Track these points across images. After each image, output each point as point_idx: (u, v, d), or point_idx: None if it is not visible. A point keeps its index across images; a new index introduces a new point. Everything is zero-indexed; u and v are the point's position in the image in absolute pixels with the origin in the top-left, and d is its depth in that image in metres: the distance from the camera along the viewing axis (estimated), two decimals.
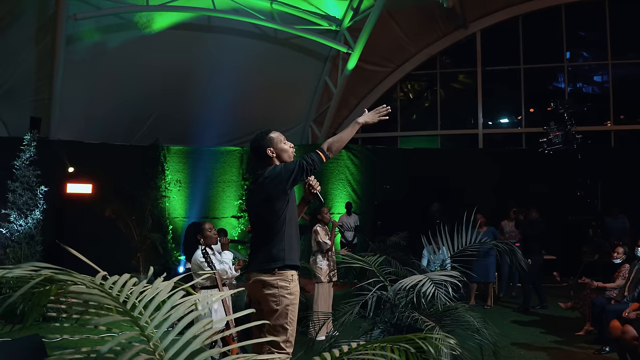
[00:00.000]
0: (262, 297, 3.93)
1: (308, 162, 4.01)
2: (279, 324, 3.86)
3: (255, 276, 3.97)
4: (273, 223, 3.99)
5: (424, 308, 4.76)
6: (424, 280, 4.55)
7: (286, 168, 4.04)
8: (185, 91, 14.24)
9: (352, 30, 14.75)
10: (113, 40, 13.70)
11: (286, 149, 4.35)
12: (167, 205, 14.38)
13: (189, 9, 13.56)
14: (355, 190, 15.00)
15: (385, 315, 4.90)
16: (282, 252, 3.93)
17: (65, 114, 13.79)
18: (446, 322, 4.70)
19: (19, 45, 12.92)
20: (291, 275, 3.96)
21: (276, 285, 3.87)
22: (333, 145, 4.19)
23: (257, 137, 4.36)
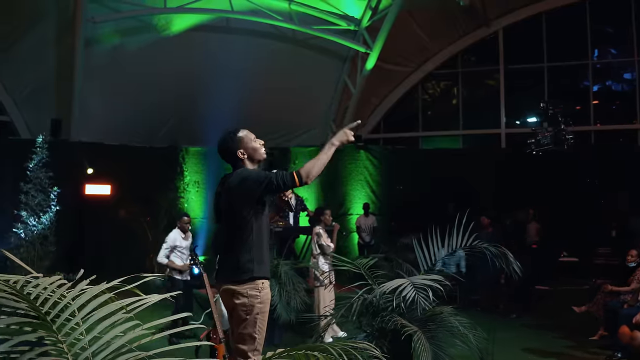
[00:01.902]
0: (232, 306, 3.82)
1: (279, 183, 3.77)
2: (247, 333, 3.74)
3: (225, 285, 3.86)
4: (241, 230, 3.87)
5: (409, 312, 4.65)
6: (405, 284, 4.44)
7: (256, 181, 3.85)
8: (204, 92, 14.27)
9: (371, 29, 14.62)
10: (132, 42, 13.84)
11: (257, 147, 4.18)
12: (186, 206, 14.44)
13: (206, 11, 13.64)
14: (374, 191, 14.87)
15: (369, 319, 4.82)
16: (250, 264, 3.78)
17: (86, 116, 13.98)
18: (431, 327, 4.59)
19: (40, 48, 13.18)
20: (262, 283, 3.81)
21: (246, 295, 3.74)
22: (313, 170, 3.84)
23: (225, 138, 4.17)
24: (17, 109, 13.93)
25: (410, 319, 4.61)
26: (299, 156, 15.14)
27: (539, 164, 13.13)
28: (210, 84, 14.24)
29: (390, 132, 17.14)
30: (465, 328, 4.58)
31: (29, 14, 12.64)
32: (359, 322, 4.90)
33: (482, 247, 5.03)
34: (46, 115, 13.63)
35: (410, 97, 17.08)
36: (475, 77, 17.06)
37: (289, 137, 16.32)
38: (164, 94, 14.18)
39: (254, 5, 13.77)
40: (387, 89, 16.86)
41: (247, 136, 4.19)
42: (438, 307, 4.73)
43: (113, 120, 14.22)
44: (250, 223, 3.85)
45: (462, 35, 16.10)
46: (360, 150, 14.97)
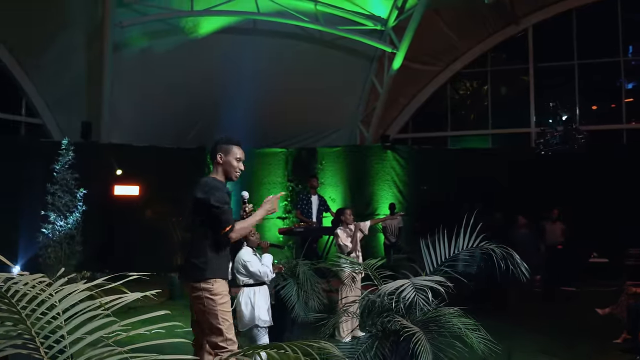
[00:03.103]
0: (192, 301, 4.12)
1: (221, 221, 4.06)
2: (212, 325, 4.01)
3: (187, 282, 4.19)
4: (200, 234, 4.15)
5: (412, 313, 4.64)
6: (405, 285, 4.43)
7: (213, 202, 4.07)
8: (232, 94, 14.36)
9: (398, 29, 14.59)
10: (160, 45, 14.05)
11: (234, 166, 4.33)
12: None
13: (233, 13, 13.76)
14: (400, 191, 14.80)
15: (373, 319, 4.82)
16: (205, 265, 4.06)
17: (116, 119, 14.23)
18: (433, 328, 4.56)
19: (70, 52, 13.46)
20: (215, 281, 4.06)
21: (200, 288, 4.02)
22: (240, 232, 4.18)
23: (223, 138, 4.40)
24: (50, 112, 14.23)
25: (413, 319, 4.59)
26: (325, 157, 15.13)
27: (568, 163, 12.94)
28: (237, 86, 14.33)
29: (418, 132, 17.09)
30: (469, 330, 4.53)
31: (59, 20, 12.90)
32: (363, 322, 4.91)
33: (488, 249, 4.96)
34: (77, 117, 13.91)
35: (439, 96, 17.01)
36: (505, 76, 16.87)
37: (317, 137, 16.36)
38: (192, 96, 14.35)
39: (280, 6, 13.84)
40: (416, 89, 16.80)
41: (235, 152, 4.34)
42: (441, 308, 4.70)
43: (142, 123, 14.42)
44: (207, 228, 4.11)
45: (491, 33, 15.96)
46: (387, 150, 14.90)
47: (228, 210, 4.08)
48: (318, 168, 15.03)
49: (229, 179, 4.34)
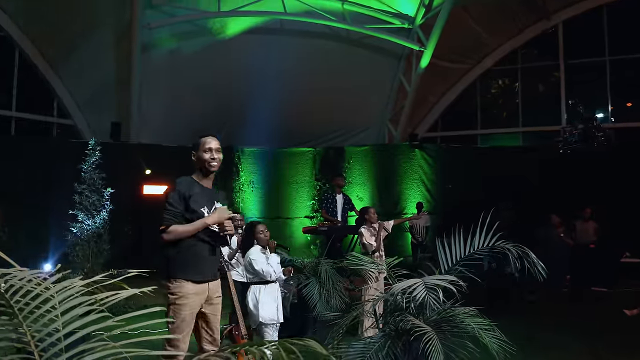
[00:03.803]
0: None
1: (162, 217, 4.06)
2: (168, 321, 4.02)
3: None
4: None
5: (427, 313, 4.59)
6: (417, 284, 4.39)
7: (165, 199, 4.16)
8: (260, 93, 14.40)
9: (426, 27, 14.50)
10: (188, 46, 14.18)
11: (205, 158, 4.26)
12: (241, 206, 14.65)
13: (259, 14, 13.82)
14: (428, 190, 14.68)
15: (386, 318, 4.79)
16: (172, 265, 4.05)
17: (146, 119, 14.39)
18: (445, 328, 4.51)
19: (100, 54, 13.68)
20: (175, 281, 4.03)
21: (163, 284, 4.03)
22: (175, 234, 4.02)
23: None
24: (80, 113, 14.46)
25: (426, 319, 4.55)
26: (353, 155, 15.09)
27: (600, 161, 12.69)
28: (264, 86, 14.36)
29: (448, 131, 16.95)
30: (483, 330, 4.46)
31: (88, 22, 13.14)
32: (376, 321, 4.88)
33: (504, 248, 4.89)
34: (107, 118, 14.11)
35: (469, 94, 16.83)
36: (535, 73, 16.60)
37: (345, 137, 16.33)
38: (219, 96, 14.44)
39: (307, 6, 13.87)
40: (445, 87, 16.67)
41: (203, 143, 4.28)
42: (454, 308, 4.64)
43: (171, 123, 14.56)
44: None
45: (521, 29, 15.75)
46: (415, 148, 14.80)
47: (171, 211, 4.02)
48: (346, 167, 15.01)
49: (206, 172, 4.29)
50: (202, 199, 4.17)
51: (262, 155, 15.29)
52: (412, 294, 4.28)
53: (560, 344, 7.53)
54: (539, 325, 8.43)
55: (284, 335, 7.85)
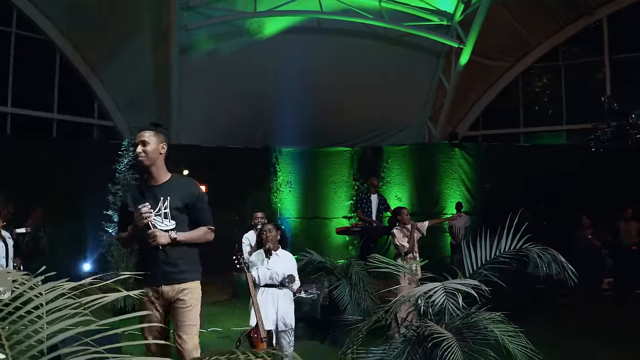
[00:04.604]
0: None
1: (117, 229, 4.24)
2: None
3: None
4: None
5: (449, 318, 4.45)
6: (436, 289, 4.25)
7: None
8: (298, 93, 14.39)
9: (465, 24, 14.26)
10: (226, 47, 14.24)
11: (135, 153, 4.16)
12: (279, 206, 14.65)
13: (296, 13, 13.78)
14: (469, 190, 14.41)
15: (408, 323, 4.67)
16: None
17: (185, 120, 14.50)
18: (466, 334, 4.36)
19: (139, 56, 13.85)
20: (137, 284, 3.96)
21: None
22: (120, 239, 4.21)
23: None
24: (121, 114, 14.66)
25: (449, 325, 4.41)
26: (391, 155, 14.92)
27: None
28: (302, 85, 14.34)
29: (489, 129, 16.63)
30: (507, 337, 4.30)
31: (128, 26, 13.35)
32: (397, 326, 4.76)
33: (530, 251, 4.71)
34: (147, 119, 14.24)
35: (510, 92, 16.50)
36: (579, 69, 16.12)
37: (384, 136, 16.19)
38: (257, 96, 14.45)
39: (344, 4, 13.77)
40: (486, 85, 16.37)
41: (136, 138, 4.16)
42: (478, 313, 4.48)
43: (210, 123, 14.65)
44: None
45: (562, 26, 15.33)
46: (455, 147, 14.54)
47: (118, 220, 4.11)
48: (384, 167, 14.85)
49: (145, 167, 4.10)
50: (142, 199, 4.01)
51: (299, 155, 15.27)
52: (431, 299, 4.17)
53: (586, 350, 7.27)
54: (569, 330, 8.18)
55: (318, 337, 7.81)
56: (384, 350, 4.52)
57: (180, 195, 4.04)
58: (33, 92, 13.81)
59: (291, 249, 13.53)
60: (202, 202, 4.17)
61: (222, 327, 8.73)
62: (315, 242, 14.20)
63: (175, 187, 4.08)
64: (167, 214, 4.00)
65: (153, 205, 3.95)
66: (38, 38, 13.47)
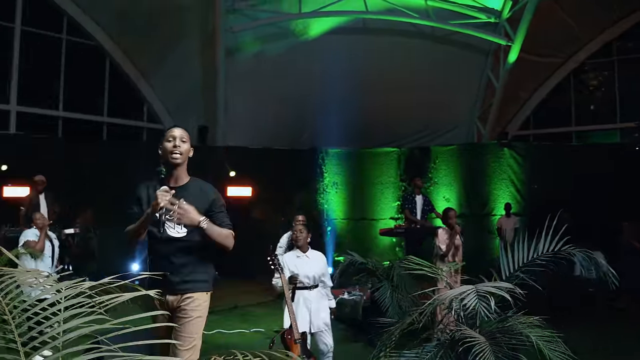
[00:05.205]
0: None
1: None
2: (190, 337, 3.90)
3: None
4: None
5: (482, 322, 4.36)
6: (469, 292, 4.17)
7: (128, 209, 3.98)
8: (344, 94, 14.32)
9: (513, 21, 13.99)
10: (272, 49, 14.32)
11: (165, 147, 3.87)
12: (325, 207, 14.64)
13: (341, 13, 13.77)
14: (518, 190, 14.10)
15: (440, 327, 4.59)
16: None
17: (233, 122, 14.64)
18: (499, 339, 4.26)
19: (186, 60, 14.02)
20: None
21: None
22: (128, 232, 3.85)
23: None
24: (170, 117, 14.88)
25: (484, 328, 4.32)
26: (439, 155, 14.72)
27: None
28: (348, 85, 14.27)
29: (540, 128, 16.27)
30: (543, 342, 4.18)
31: (175, 30, 13.53)
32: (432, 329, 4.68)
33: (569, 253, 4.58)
34: (195, 122, 14.46)
35: (562, 89, 16.08)
36: (634, 65, 15.59)
37: (432, 136, 16.01)
38: (304, 98, 14.47)
39: (389, 4, 13.69)
40: (536, 83, 16.03)
41: (167, 133, 3.92)
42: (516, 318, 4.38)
43: (257, 125, 14.73)
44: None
45: (616, 20, 14.86)
46: (504, 147, 14.26)
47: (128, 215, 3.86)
48: (431, 167, 14.66)
49: (170, 165, 3.88)
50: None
51: (346, 156, 15.20)
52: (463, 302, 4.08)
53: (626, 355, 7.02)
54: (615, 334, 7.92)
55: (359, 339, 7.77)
56: (416, 353, 4.45)
57: (199, 203, 3.83)
58: (83, 97, 14.16)
59: (337, 250, 13.59)
60: (217, 205, 3.93)
61: (266, 328, 8.75)
62: (362, 244, 14.17)
63: (194, 194, 3.87)
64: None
65: (167, 210, 3.73)
66: (88, 44, 13.83)
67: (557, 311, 5.78)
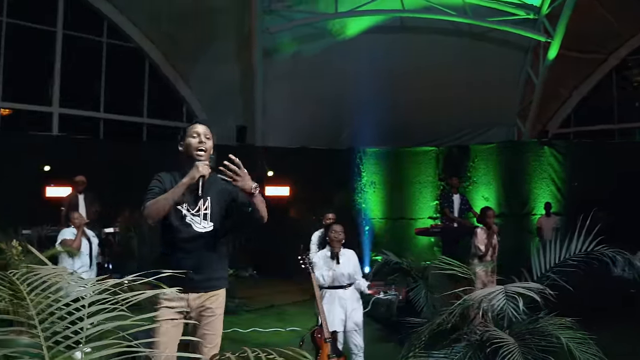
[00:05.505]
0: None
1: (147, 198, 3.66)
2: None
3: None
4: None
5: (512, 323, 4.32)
6: (497, 292, 4.14)
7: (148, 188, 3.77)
8: (382, 93, 14.28)
9: (552, 17, 13.76)
10: (309, 49, 14.37)
11: (191, 144, 3.78)
12: (363, 206, 14.62)
13: (378, 12, 13.73)
14: (559, 189, 13.86)
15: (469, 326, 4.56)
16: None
17: (271, 122, 14.74)
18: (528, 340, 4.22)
19: (224, 60, 14.19)
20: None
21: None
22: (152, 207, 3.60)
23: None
24: (208, 118, 15.04)
25: (514, 330, 4.29)
26: (478, 154, 14.55)
27: None
28: (387, 85, 14.23)
29: (581, 126, 15.96)
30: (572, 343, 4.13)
31: (212, 32, 13.70)
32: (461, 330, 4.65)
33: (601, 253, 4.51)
34: (234, 122, 14.62)
35: (604, 86, 15.75)
36: None
37: (472, 135, 15.86)
38: (341, 97, 14.47)
39: (426, 2, 13.61)
40: (577, 80, 15.74)
41: (190, 130, 3.82)
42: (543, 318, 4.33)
43: (294, 125, 14.78)
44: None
45: None
46: (544, 145, 14.04)
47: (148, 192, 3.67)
48: (470, 166, 14.51)
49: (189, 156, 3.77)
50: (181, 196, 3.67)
51: (384, 156, 15.14)
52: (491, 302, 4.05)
53: None
54: None
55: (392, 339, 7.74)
56: (445, 354, 4.44)
57: (225, 194, 3.81)
58: (124, 98, 14.46)
59: (375, 249, 13.56)
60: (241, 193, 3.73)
61: (301, 326, 8.79)
62: (400, 243, 14.09)
63: (215, 190, 3.81)
64: (207, 215, 3.77)
65: (192, 203, 3.73)
66: (128, 46, 14.12)
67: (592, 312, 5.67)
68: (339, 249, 5.83)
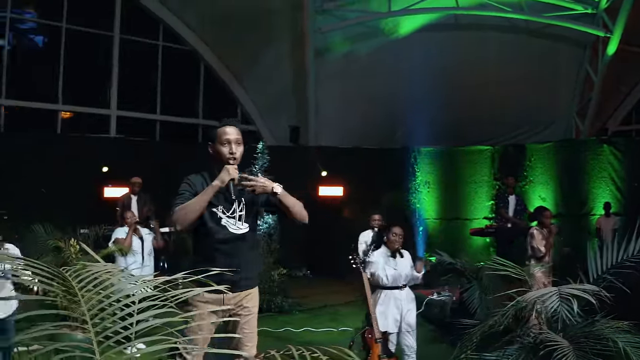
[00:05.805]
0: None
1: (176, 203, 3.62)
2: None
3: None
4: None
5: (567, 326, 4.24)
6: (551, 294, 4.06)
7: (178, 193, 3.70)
8: (437, 91, 14.16)
9: (611, 11, 13.36)
10: (362, 48, 14.38)
11: (222, 151, 3.73)
12: (417, 206, 14.52)
13: (431, 10, 13.62)
14: (619, 189, 13.44)
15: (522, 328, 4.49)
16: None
17: (323, 122, 14.80)
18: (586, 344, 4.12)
19: (277, 61, 14.33)
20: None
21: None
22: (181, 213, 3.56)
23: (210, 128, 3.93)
24: (262, 119, 15.22)
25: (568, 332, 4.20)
26: (534, 153, 14.25)
27: None
28: (442, 83, 14.09)
29: None
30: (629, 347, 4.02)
31: (266, 33, 13.85)
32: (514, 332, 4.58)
33: None
34: (287, 122, 14.74)
35: None
36: None
37: (529, 133, 15.56)
38: (394, 97, 14.41)
39: None
40: (638, 76, 15.22)
41: (220, 135, 3.74)
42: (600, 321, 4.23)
43: (347, 125, 14.80)
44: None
45: None
46: (603, 143, 13.65)
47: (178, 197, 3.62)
48: (527, 165, 14.22)
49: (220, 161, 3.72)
50: (215, 199, 3.68)
51: (438, 155, 14.98)
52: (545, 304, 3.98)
53: None
54: None
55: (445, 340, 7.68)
56: (497, 356, 4.37)
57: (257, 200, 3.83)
58: (180, 100, 14.74)
59: (429, 250, 13.45)
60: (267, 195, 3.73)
61: (353, 326, 8.80)
62: (454, 244, 13.93)
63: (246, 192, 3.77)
64: (242, 217, 3.77)
65: (227, 206, 3.73)
66: (183, 49, 14.40)
67: None
68: (399, 249, 5.87)
